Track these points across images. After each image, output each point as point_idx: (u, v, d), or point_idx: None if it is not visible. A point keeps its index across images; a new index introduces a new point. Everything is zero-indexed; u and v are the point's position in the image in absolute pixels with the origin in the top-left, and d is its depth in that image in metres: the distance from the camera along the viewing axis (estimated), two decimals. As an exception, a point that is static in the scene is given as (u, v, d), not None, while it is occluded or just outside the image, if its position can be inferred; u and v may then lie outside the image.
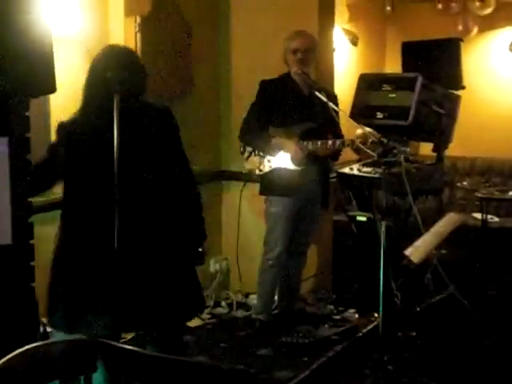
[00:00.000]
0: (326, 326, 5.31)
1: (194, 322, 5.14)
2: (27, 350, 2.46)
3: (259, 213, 5.42)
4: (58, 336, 3.58)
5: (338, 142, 4.91)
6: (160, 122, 3.48)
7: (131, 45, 5.00)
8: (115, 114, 3.10)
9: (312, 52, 5.13)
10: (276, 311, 5.44)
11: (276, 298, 5.45)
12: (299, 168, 5.00)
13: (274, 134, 5.04)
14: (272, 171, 5.09)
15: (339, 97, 5.31)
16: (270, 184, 5.14)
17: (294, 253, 5.26)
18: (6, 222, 2.95)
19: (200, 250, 3.63)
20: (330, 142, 4.92)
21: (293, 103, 5.12)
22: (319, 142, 4.94)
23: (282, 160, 5.04)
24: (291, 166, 5.01)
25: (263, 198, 5.24)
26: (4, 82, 2.75)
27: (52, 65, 2.90)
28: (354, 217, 6.01)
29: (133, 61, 3.45)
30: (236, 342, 5.13)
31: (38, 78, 2.83)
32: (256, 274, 5.31)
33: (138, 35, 5.04)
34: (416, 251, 4.45)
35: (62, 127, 3.45)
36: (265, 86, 5.17)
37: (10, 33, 2.71)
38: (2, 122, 2.96)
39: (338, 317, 5.52)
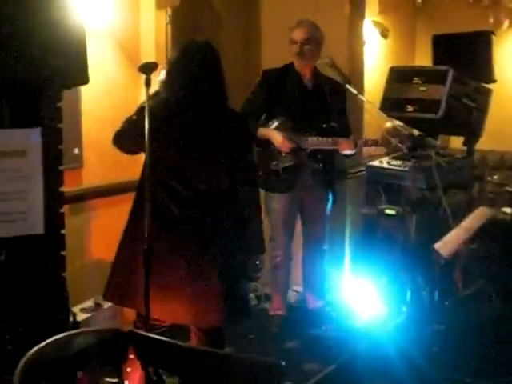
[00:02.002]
0: (352, 319, 5.30)
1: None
2: (59, 338, 2.49)
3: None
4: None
5: (341, 140, 4.86)
6: (236, 128, 3.53)
7: (162, 37, 5.03)
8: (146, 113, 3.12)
9: (312, 43, 5.03)
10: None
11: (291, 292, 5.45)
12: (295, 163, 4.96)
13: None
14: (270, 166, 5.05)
15: (370, 89, 5.29)
16: (268, 180, 5.04)
17: (310, 250, 5.25)
18: (39, 212, 2.98)
19: (257, 262, 3.66)
20: (330, 140, 4.87)
21: (294, 96, 5.07)
22: (315, 139, 4.88)
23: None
24: (290, 163, 4.98)
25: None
26: (38, 74, 2.77)
27: (85, 57, 2.93)
28: (383, 210, 5.98)
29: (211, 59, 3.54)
30: (263, 334, 5.14)
31: (72, 69, 2.86)
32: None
33: (169, 27, 5.05)
34: (446, 245, 4.43)
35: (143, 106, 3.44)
36: (266, 76, 5.14)
37: (44, 26, 2.74)
38: (34, 113, 2.99)
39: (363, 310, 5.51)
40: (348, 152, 4.97)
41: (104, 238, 4.76)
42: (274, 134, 4.92)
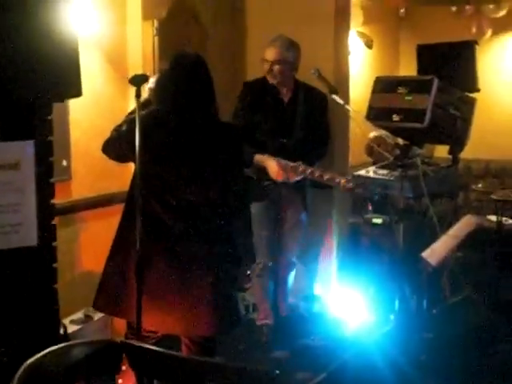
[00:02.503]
0: (343, 328, 5.33)
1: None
2: (55, 350, 2.50)
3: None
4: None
5: (337, 179, 4.73)
6: (227, 140, 3.55)
7: (149, 48, 5.04)
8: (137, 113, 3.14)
9: (282, 64, 5.04)
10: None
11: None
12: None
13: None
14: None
15: (355, 99, 5.32)
16: None
17: (281, 261, 5.26)
18: (33, 224, 2.99)
19: (248, 272, 3.69)
20: (326, 177, 4.72)
21: (270, 111, 5.09)
22: (309, 170, 4.74)
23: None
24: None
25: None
26: (30, 86, 2.78)
27: (78, 69, 2.94)
28: (370, 219, 6.02)
29: (202, 73, 3.56)
30: (252, 344, 5.15)
31: (65, 82, 2.86)
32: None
33: (156, 39, 5.07)
34: (434, 253, 4.46)
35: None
36: (246, 88, 5.19)
37: (36, 37, 2.75)
38: (27, 126, 3.00)
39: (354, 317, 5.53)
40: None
41: (94, 250, 4.76)
42: (270, 162, 4.89)
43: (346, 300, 5.87)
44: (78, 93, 2.98)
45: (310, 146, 5.09)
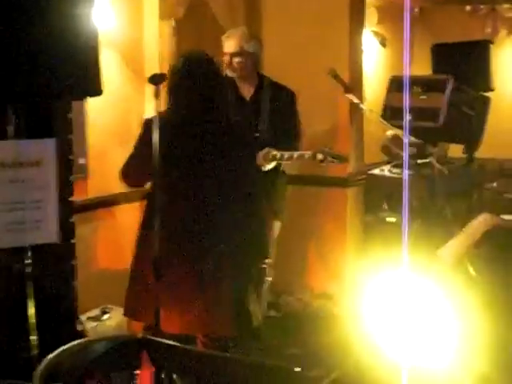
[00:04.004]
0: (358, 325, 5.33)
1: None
2: (74, 345, 2.53)
3: (286, 210, 5.45)
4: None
5: (306, 154, 4.58)
6: (240, 137, 3.59)
7: (166, 48, 5.08)
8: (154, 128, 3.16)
9: (242, 56, 4.86)
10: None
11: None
12: None
13: None
14: None
15: (369, 98, 5.31)
16: None
17: None
18: (54, 221, 3.03)
19: (264, 266, 3.70)
20: (295, 155, 4.60)
21: (232, 108, 4.76)
22: (278, 155, 4.61)
23: None
24: None
25: (290, 195, 5.23)
26: (51, 85, 2.82)
27: (98, 68, 2.97)
28: (384, 218, 6.03)
29: (215, 75, 3.60)
30: (267, 342, 5.17)
31: (85, 80, 2.89)
32: (289, 274, 5.35)
33: (173, 38, 5.09)
34: (449, 252, 4.47)
35: (149, 122, 3.49)
36: None
37: (57, 36, 2.78)
38: (47, 124, 3.04)
39: (368, 317, 5.54)
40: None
41: (109, 248, 4.80)
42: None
43: (359, 298, 5.87)
44: (97, 91, 3.01)
45: (280, 145, 4.78)
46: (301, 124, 5.12)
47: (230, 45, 4.85)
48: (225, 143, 3.52)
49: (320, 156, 4.51)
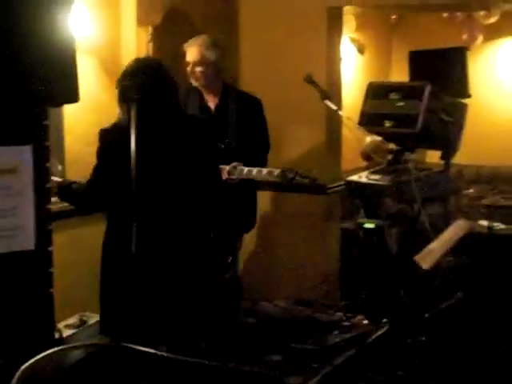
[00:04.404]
0: (336, 332, 5.34)
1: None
2: (49, 353, 2.52)
3: (263, 217, 5.47)
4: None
5: (276, 172, 4.46)
6: (194, 133, 3.58)
7: (143, 54, 5.07)
8: (132, 121, 3.18)
9: (205, 65, 4.79)
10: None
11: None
12: None
13: None
14: None
15: (348, 105, 5.33)
16: None
17: None
18: (31, 228, 3.01)
19: (229, 260, 3.71)
20: (264, 172, 4.50)
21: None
22: (255, 170, 4.51)
23: None
24: None
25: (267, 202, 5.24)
26: (27, 91, 2.80)
27: (75, 74, 2.95)
28: (362, 224, 6.04)
29: (155, 68, 3.56)
30: (245, 348, 5.16)
31: (61, 87, 2.88)
32: (267, 281, 5.35)
33: (150, 45, 5.09)
34: (426, 257, 4.49)
35: (104, 133, 3.52)
36: None
37: (34, 41, 2.76)
38: (24, 131, 3.02)
39: (347, 323, 5.55)
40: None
41: (88, 255, 4.78)
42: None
43: (339, 304, 5.89)
44: (74, 98, 2.99)
45: (248, 156, 4.75)
46: (268, 133, 5.08)
47: (191, 53, 4.80)
48: (189, 139, 3.54)
49: (290, 175, 4.46)
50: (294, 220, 5.90)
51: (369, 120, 5.91)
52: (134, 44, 5.08)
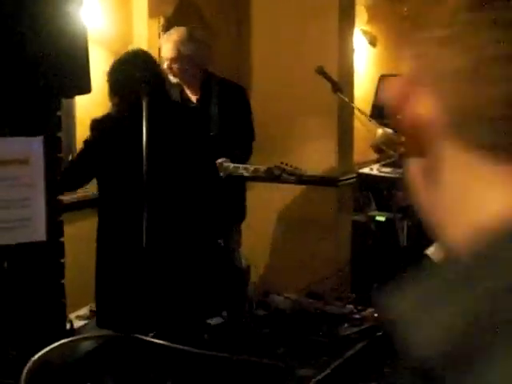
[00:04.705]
0: (346, 325, 5.34)
1: (214, 321, 5.18)
2: (62, 344, 2.53)
3: (275, 210, 5.46)
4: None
5: (262, 168, 4.34)
6: (189, 122, 3.59)
7: (155, 46, 5.07)
8: (144, 113, 3.19)
9: (182, 61, 4.59)
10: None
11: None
12: None
13: None
14: None
15: (360, 97, 5.31)
16: None
17: None
18: (42, 219, 3.02)
19: (220, 242, 3.71)
20: (251, 168, 4.37)
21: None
22: (241, 167, 4.36)
23: None
24: None
25: (279, 194, 5.23)
26: (40, 82, 2.81)
27: (87, 65, 2.96)
28: (373, 217, 6.04)
29: (155, 63, 3.61)
30: (256, 340, 5.17)
31: (74, 78, 2.89)
32: (278, 273, 5.35)
33: (162, 36, 5.09)
34: (438, 251, 4.47)
35: (96, 123, 3.55)
36: None
37: (47, 33, 2.77)
38: (37, 122, 3.03)
39: (357, 316, 5.54)
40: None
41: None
42: None
43: (349, 297, 5.89)
44: (87, 89, 3.01)
45: (233, 146, 4.61)
46: (253, 120, 4.91)
47: (166, 49, 4.62)
48: (182, 127, 3.56)
49: (277, 172, 4.40)
50: (306, 212, 5.89)
51: (380, 113, 5.90)
52: (146, 35, 5.08)
